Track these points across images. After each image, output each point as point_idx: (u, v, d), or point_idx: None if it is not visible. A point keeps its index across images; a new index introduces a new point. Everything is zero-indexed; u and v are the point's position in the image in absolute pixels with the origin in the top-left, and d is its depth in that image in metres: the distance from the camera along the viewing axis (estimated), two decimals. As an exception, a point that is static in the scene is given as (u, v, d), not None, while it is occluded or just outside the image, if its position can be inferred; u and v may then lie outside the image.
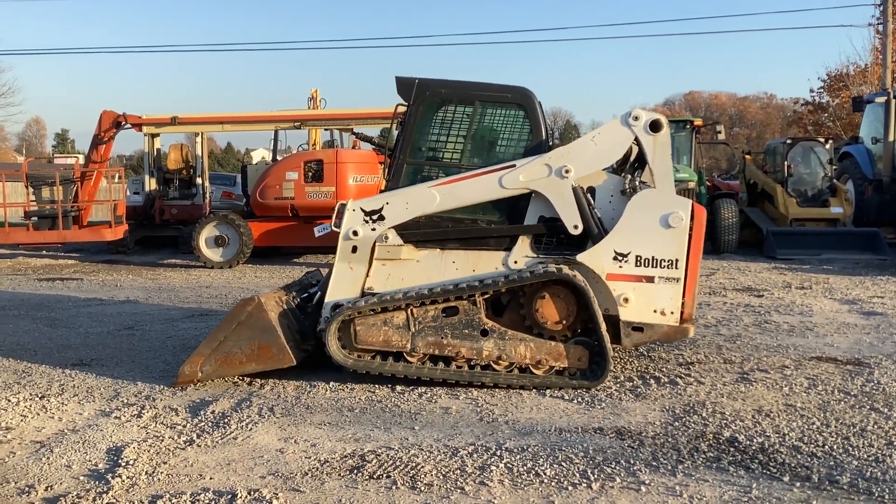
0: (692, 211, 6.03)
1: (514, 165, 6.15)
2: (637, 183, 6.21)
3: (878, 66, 32.28)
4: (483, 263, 6.21)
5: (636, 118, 6.08)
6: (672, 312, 6.00)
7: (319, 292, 6.52)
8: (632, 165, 6.45)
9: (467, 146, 6.42)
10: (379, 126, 15.86)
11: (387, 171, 6.58)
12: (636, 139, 6.12)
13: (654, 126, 6.07)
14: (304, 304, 6.66)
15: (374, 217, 6.22)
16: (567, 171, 6.07)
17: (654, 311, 6.00)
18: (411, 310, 6.01)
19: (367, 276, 6.23)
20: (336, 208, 6.35)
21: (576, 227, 6.08)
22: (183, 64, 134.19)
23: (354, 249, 6.24)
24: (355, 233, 6.22)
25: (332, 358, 5.98)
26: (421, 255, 6.28)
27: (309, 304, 6.65)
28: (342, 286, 6.26)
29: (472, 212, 6.29)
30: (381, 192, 6.44)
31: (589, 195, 6.21)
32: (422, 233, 6.27)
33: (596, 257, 6.02)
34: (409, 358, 6.03)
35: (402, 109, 6.58)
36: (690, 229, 6.02)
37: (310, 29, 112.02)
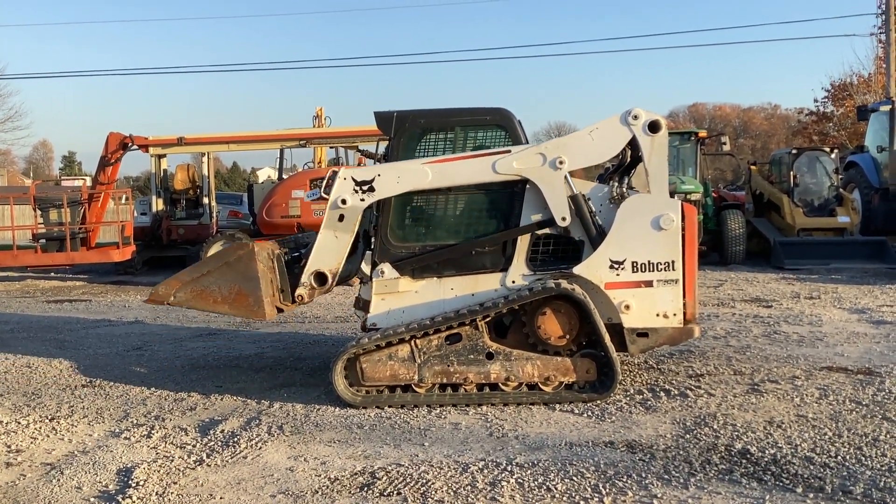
0: (682, 211, 6.02)
1: (509, 151, 6.13)
2: (625, 189, 6.19)
3: (882, 74, 32.33)
4: (481, 286, 6.19)
5: (636, 117, 6.02)
6: (675, 314, 5.99)
7: (304, 258, 6.45)
8: (620, 172, 6.42)
9: None
10: (384, 143, 15.92)
11: (374, 206, 6.51)
12: (633, 139, 6.06)
13: (653, 126, 6.03)
14: (293, 262, 6.59)
15: (365, 188, 6.17)
16: (561, 163, 6.04)
17: (657, 315, 5.99)
18: (414, 341, 5.96)
19: (350, 245, 6.19)
20: (327, 175, 6.33)
21: (563, 219, 6.04)
22: (188, 85, 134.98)
23: (341, 218, 6.20)
24: (344, 201, 6.16)
25: (341, 398, 5.92)
26: (419, 285, 6.25)
27: (297, 264, 6.56)
28: (325, 254, 6.24)
29: (465, 235, 6.26)
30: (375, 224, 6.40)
31: (590, 202, 6.15)
32: (417, 261, 6.25)
33: (592, 268, 6.01)
34: (416, 389, 6.01)
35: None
36: (683, 229, 6.01)
37: (313, 47, 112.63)
